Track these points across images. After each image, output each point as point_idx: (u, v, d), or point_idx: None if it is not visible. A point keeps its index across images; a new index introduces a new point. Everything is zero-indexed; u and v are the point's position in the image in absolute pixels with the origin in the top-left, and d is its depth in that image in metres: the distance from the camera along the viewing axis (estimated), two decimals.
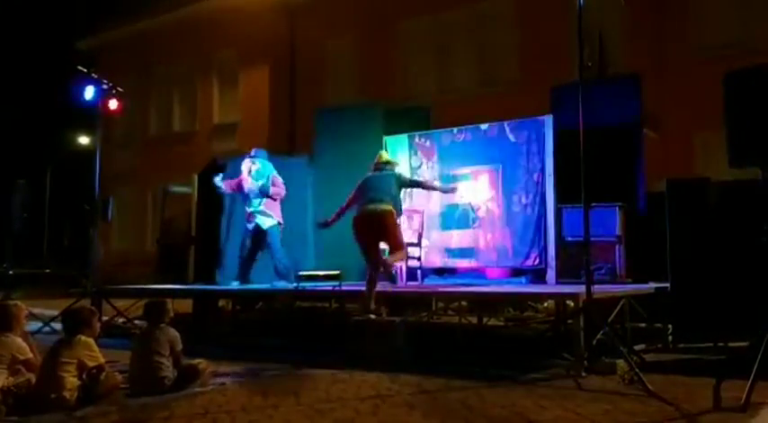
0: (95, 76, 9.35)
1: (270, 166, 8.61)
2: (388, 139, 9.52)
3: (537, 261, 8.22)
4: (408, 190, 9.36)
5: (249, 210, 8.53)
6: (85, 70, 9.40)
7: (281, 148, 16.60)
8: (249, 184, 8.50)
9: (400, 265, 8.35)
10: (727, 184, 6.81)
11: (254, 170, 8.49)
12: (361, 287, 6.88)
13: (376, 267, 6.64)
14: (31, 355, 4.68)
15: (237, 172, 8.80)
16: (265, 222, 8.45)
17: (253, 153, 8.75)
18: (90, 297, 8.85)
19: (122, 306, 9.26)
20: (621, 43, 13.01)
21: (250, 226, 8.52)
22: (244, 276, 8.61)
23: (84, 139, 24.69)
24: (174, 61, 19.80)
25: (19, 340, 4.73)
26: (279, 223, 8.52)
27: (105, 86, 9.30)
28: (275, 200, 8.52)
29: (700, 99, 10.32)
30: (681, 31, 12.57)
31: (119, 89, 9.51)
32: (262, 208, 8.46)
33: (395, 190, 6.99)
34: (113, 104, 9.41)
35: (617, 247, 7.54)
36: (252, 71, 18.35)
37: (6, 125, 22.90)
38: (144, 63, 20.11)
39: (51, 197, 23.80)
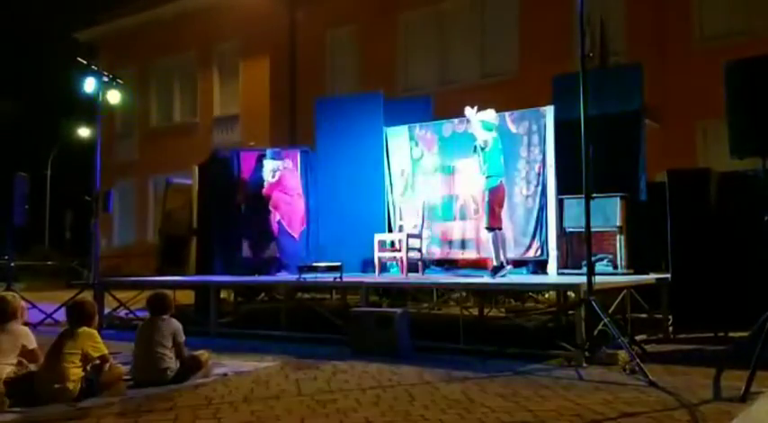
0: (96, 68, 9.33)
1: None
2: (388, 130, 9.51)
3: (538, 252, 8.23)
4: (410, 181, 9.42)
5: None
6: (86, 62, 9.38)
7: (282, 139, 16.62)
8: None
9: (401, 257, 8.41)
10: (727, 175, 6.81)
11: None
12: (365, 278, 7.11)
13: None
14: (35, 345, 4.71)
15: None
16: None
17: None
18: (92, 289, 8.86)
19: (124, 298, 9.29)
20: (623, 33, 12.97)
21: None
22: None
23: (84, 131, 24.68)
24: (174, 53, 19.75)
25: (26, 329, 4.77)
26: None
27: (106, 78, 9.28)
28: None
29: (701, 89, 10.31)
30: (683, 21, 12.53)
31: (119, 81, 9.49)
32: None
33: None
34: (114, 96, 9.40)
35: (618, 237, 7.55)
36: (252, 62, 18.31)
37: (7, 117, 22.88)
38: (144, 55, 20.07)
39: (52, 189, 23.81)
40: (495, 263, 7.51)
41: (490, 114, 7.86)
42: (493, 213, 7.52)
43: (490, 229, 7.55)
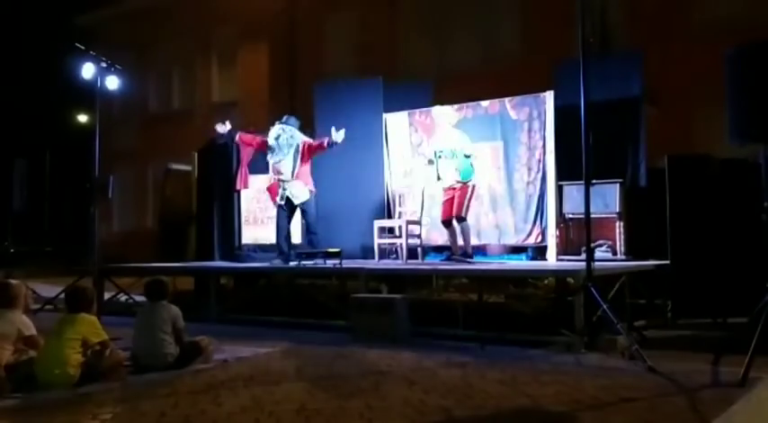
0: (94, 54, 9.27)
1: (300, 134, 8.36)
2: (387, 116, 9.48)
3: (539, 238, 8.23)
4: (408, 167, 9.39)
5: (278, 178, 8.22)
6: (84, 48, 9.32)
7: None
8: (276, 148, 8.18)
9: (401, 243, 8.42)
10: (727, 161, 6.81)
11: (285, 137, 8.17)
12: (365, 264, 7.37)
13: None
14: (34, 332, 4.72)
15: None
16: (299, 194, 8.17)
17: (284, 119, 8.46)
18: (92, 275, 8.87)
19: (124, 284, 9.30)
20: (623, 18, 12.89)
21: (281, 199, 8.24)
22: (284, 254, 8.27)
23: (83, 118, 24.60)
24: (172, 39, 19.62)
25: (23, 316, 4.78)
26: (311, 191, 8.26)
27: (104, 64, 9.23)
28: (306, 164, 8.27)
29: (702, 75, 10.25)
30: (683, 6, 12.44)
31: (117, 67, 9.44)
32: (293, 178, 8.14)
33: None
34: (112, 82, 9.35)
35: (617, 223, 7.55)
36: (251, 48, 18.20)
37: (6, 103, 22.80)
38: (143, 40, 19.94)
39: (51, 175, 23.72)
40: (468, 250, 7.78)
41: (446, 111, 8.19)
42: (468, 207, 7.81)
43: (464, 219, 7.77)
